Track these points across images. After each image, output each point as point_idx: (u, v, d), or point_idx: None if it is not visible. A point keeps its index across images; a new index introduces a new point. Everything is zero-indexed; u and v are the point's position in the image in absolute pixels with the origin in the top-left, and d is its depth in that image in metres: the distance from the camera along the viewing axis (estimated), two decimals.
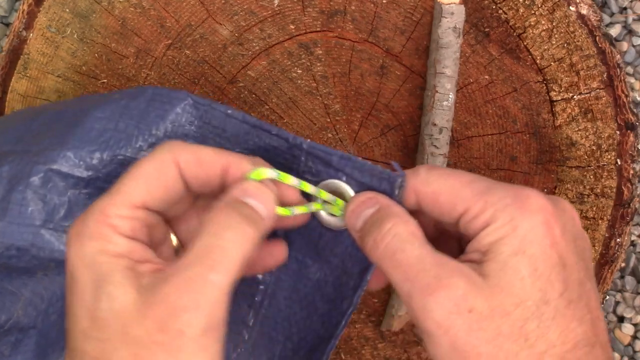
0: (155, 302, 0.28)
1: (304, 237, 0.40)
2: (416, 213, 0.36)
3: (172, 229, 0.36)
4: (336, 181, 0.37)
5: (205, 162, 0.33)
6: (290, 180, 0.35)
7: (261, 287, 0.41)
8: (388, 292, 0.55)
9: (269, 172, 0.33)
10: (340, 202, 0.37)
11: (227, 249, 0.30)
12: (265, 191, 0.33)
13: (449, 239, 0.38)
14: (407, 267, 0.32)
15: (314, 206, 0.37)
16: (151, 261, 0.31)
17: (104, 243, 0.30)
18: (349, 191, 0.37)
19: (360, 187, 0.37)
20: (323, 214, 0.38)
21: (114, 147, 0.40)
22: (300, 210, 0.36)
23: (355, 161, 0.37)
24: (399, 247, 0.33)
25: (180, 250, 0.37)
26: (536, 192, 0.33)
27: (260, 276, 0.41)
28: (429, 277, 0.31)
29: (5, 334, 0.41)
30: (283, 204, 0.35)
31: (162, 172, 0.32)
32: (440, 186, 0.34)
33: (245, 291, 0.42)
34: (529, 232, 0.32)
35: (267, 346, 0.42)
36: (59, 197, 0.40)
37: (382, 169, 0.37)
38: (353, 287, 0.39)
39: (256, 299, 0.42)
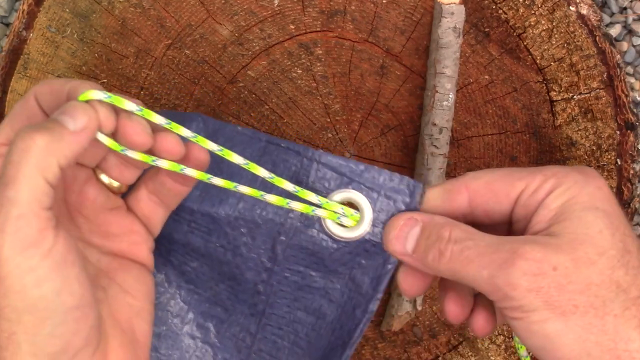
0: None
1: (305, 250, 0.39)
2: (460, 221, 0.36)
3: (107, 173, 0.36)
4: (349, 190, 0.37)
5: (55, 89, 0.32)
6: (126, 104, 0.32)
7: (262, 297, 0.41)
8: (388, 292, 0.55)
9: (97, 94, 0.32)
10: (348, 211, 0.37)
11: (17, 162, 0.29)
12: (78, 108, 0.31)
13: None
14: (479, 256, 0.32)
15: (323, 212, 0.36)
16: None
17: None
18: (363, 200, 0.37)
19: (376, 196, 0.36)
20: (330, 224, 0.37)
21: None
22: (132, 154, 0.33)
23: (370, 169, 0.36)
24: (464, 245, 0.33)
25: (122, 187, 0.37)
26: (588, 167, 0.34)
27: (261, 287, 0.41)
28: (504, 255, 0.31)
29: None
30: (133, 142, 0.33)
31: (23, 107, 0.33)
32: (494, 175, 0.35)
33: (248, 300, 0.42)
34: (596, 191, 0.32)
35: (272, 352, 0.42)
36: None
37: (400, 176, 0.36)
38: (365, 296, 0.39)
39: (257, 307, 0.42)
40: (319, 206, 0.36)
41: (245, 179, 0.38)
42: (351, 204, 0.37)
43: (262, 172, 0.35)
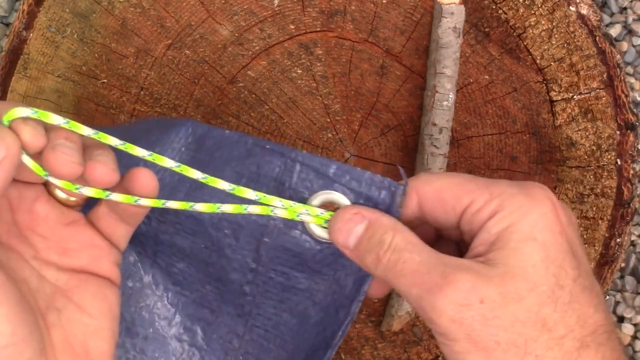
0: None
1: (288, 251, 0.39)
2: (413, 223, 0.35)
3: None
4: (330, 192, 0.37)
5: None
6: (52, 118, 0.31)
7: (248, 297, 0.41)
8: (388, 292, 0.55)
9: (21, 111, 0.30)
10: (331, 214, 0.36)
11: None
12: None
13: (448, 246, 0.38)
14: (412, 273, 0.32)
15: (308, 217, 0.36)
16: None
17: None
18: (345, 202, 0.36)
19: (357, 197, 0.36)
20: (314, 226, 0.37)
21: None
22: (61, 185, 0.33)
23: (352, 171, 0.36)
24: (400, 257, 0.32)
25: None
26: (539, 184, 0.33)
27: (247, 288, 0.41)
28: (435, 277, 0.31)
29: None
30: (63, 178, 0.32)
31: None
32: (443, 183, 0.34)
33: (235, 301, 0.42)
34: (539, 219, 0.31)
35: (259, 355, 0.42)
36: None
37: (381, 178, 0.36)
38: (349, 297, 0.38)
39: (244, 308, 0.41)
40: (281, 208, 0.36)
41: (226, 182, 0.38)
42: (332, 205, 0.37)
43: (221, 184, 0.35)
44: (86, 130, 0.32)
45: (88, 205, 0.36)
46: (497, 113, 0.55)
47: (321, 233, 0.37)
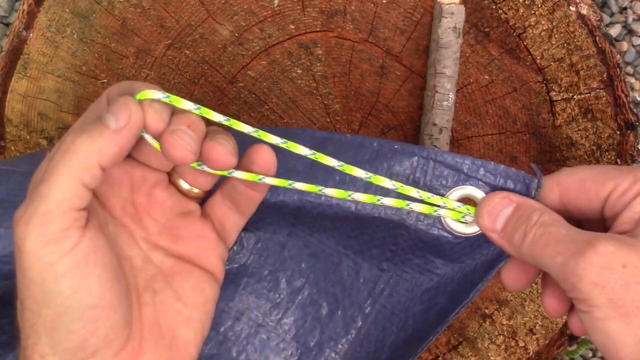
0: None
1: (426, 242, 0.40)
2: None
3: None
4: (466, 187, 0.38)
5: (122, 90, 0.33)
6: (184, 104, 0.32)
7: (384, 276, 0.42)
8: None
9: (154, 94, 0.32)
10: (472, 209, 0.37)
11: (56, 162, 0.30)
12: (121, 106, 0.31)
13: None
14: (557, 242, 0.33)
15: (445, 212, 0.37)
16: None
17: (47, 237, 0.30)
18: (481, 195, 0.37)
19: (493, 190, 0.37)
20: (451, 221, 0.38)
21: None
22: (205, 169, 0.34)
23: (486, 165, 0.37)
24: (546, 230, 0.34)
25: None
26: None
27: (385, 265, 0.41)
28: (579, 244, 0.32)
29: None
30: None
31: (95, 108, 0.34)
32: (586, 173, 0.35)
33: (367, 277, 0.42)
34: None
35: (379, 336, 0.43)
36: None
37: (516, 171, 0.37)
38: (475, 282, 0.40)
39: (377, 287, 0.42)
40: (439, 206, 0.37)
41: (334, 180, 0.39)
42: (469, 200, 0.38)
43: (357, 172, 0.35)
44: (217, 117, 0.33)
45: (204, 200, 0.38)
46: (497, 113, 0.55)
47: (459, 228, 0.38)
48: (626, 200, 0.34)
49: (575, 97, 0.55)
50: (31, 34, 0.54)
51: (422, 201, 0.37)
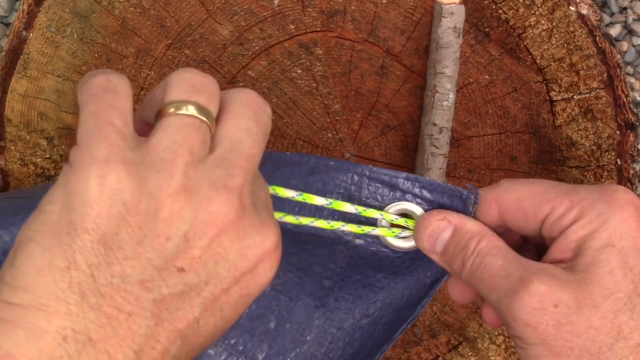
0: None
1: (365, 258, 0.39)
2: (496, 230, 0.36)
3: None
4: (403, 203, 0.37)
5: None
6: (317, 200, 0.34)
7: (327, 290, 0.41)
8: None
9: (288, 192, 0.33)
10: (410, 222, 0.37)
11: None
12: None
13: (530, 250, 0.38)
14: (492, 277, 0.32)
15: (380, 231, 0.37)
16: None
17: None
18: (418, 211, 0.37)
19: (430, 206, 0.37)
20: (390, 238, 0.38)
21: None
22: (305, 221, 0.35)
23: (422, 180, 0.37)
24: (482, 261, 0.33)
25: None
26: (622, 187, 0.33)
27: (326, 282, 0.41)
28: (512, 281, 0.31)
29: None
30: None
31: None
32: (524, 192, 0.34)
33: (315, 292, 0.42)
34: (618, 225, 0.32)
35: (327, 349, 0.42)
36: None
37: (453, 187, 0.36)
38: (420, 297, 0.39)
39: (323, 300, 0.42)
40: (373, 224, 0.37)
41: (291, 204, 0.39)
42: (406, 215, 0.38)
43: (318, 200, 0.35)
44: (321, 201, 0.35)
45: None
46: (497, 113, 0.55)
47: (397, 243, 0.38)
48: (562, 226, 0.33)
49: (575, 97, 0.55)
50: (31, 34, 0.54)
51: (359, 220, 0.37)
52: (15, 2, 0.71)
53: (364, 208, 0.37)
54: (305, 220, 0.36)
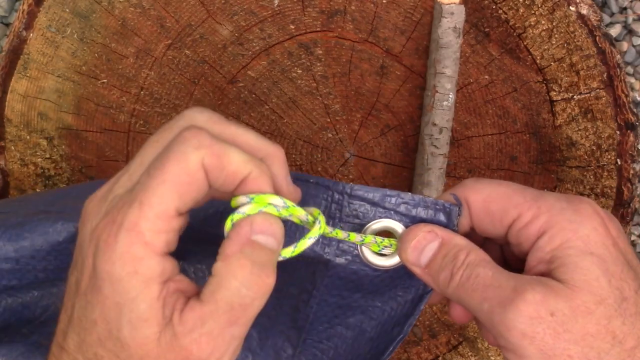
0: (175, 348, 0.29)
1: (344, 279, 0.39)
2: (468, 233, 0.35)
3: None
4: (384, 220, 0.36)
5: (228, 171, 0.30)
6: (300, 212, 0.32)
7: (302, 314, 0.41)
8: None
9: (275, 200, 0.31)
10: (392, 241, 0.36)
11: (247, 305, 0.29)
12: (272, 223, 0.30)
13: (492, 250, 0.38)
14: (484, 287, 0.32)
15: (371, 247, 0.36)
16: (175, 279, 0.30)
17: (136, 265, 0.28)
18: (400, 228, 0.36)
19: (413, 221, 0.36)
20: (368, 254, 0.37)
21: None
22: (302, 245, 0.33)
23: (404, 195, 0.36)
24: (473, 272, 0.33)
25: None
26: (587, 198, 0.33)
27: (301, 306, 0.41)
28: (506, 291, 0.31)
29: (42, 325, 0.41)
30: None
31: (192, 176, 0.29)
32: (491, 193, 0.34)
33: (291, 313, 0.41)
34: (590, 234, 0.32)
35: None
36: None
37: (436, 200, 0.36)
38: (406, 314, 0.38)
39: (299, 322, 0.41)
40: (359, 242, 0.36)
41: None
42: (388, 232, 0.37)
43: (302, 214, 0.33)
44: (302, 216, 0.32)
45: None
46: (497, 113, 0.55)
47: (378, 261, 0.37)
48: (530, 235, 0.33)
49: (575, 97, 0.55)
50: (31, 34, 0.54)
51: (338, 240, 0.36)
52: (15, 2, 0.71)
53: (344, 234, 0.36)
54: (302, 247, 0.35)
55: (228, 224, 0.31)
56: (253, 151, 0.31)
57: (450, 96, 0.52)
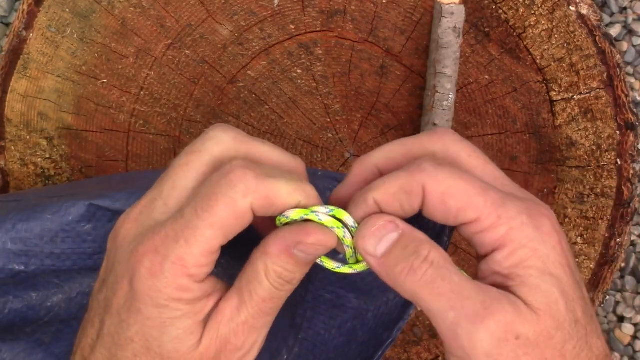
0: (214, 342, 0.31)
1: (336, 275, 0.39)
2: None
3: None
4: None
5: (277, 206, 0.31)
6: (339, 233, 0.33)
7: (300, 311, 0.41)
8: None
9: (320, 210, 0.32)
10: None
11: (279, 299, 0.32)
12: (319, 249, 0.32)
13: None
14: (450, 294, 0.31)
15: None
16: (213, 296, 0.32)
17: (181, 294, 0.30)
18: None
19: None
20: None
21: None
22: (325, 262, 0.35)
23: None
24: (439, 274, 0.31)
25: None
26: (547, 210, 0.32)
27: (299, 301, 0.41)
28: (475, 305, 0.30)
29: (46, 325, 0.41)
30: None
31: (240, 219, 0.30)
32: (451, 187, 0.32)
33: (289, 311, 0.41)
34: (549, 253, 0.31)
35: None
36: None
37: (426, 220, 0.35)
38: (394, 320, 0.38)
39: (296, 320, 0.41)
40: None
41: None
42: None
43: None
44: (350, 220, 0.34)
45: None
46: (497, 113, 0.55)
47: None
48: (484, 243, 0.32)
49: (575, 97, 0.55)
50: (31, 34, 0.54)
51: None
52: (15, 2, 0.71)
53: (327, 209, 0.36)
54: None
55: (280, 220, 0.32)
56: (279, 167, 0.33)
57: (450, 96, 0.52)
